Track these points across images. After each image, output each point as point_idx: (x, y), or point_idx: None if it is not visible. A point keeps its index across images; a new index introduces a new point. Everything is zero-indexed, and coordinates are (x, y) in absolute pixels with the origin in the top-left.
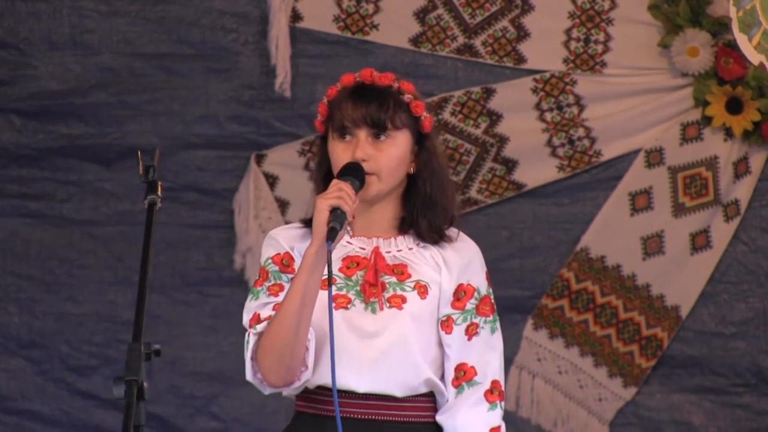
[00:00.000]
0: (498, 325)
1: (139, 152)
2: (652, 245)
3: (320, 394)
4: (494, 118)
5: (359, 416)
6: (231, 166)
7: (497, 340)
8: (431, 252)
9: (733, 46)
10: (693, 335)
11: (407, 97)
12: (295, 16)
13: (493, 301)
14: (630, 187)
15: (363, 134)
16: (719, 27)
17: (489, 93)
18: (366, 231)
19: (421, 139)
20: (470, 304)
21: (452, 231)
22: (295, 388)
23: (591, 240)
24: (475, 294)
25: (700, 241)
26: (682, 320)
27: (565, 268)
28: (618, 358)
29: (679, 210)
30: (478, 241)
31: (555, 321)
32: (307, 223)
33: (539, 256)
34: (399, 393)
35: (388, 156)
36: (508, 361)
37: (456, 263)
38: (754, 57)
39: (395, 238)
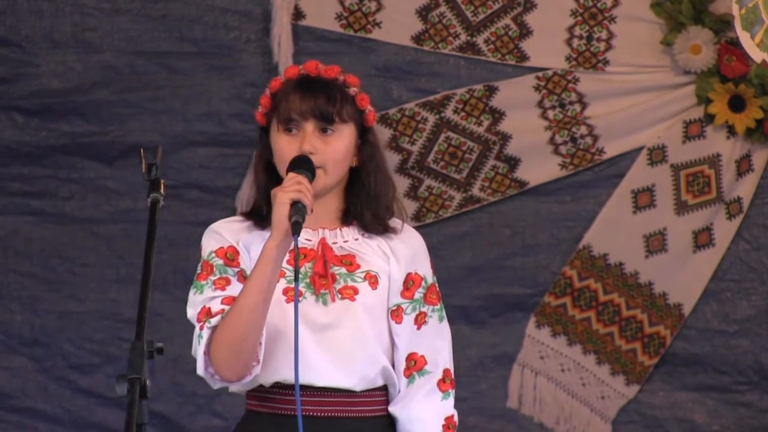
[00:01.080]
0: (444, 313)
1: (141, 150)
2: (655, 243)
3: (275, 392)
4: (497, 115)
5: (318, 413)
6: (233, 164)
7: (445, 328)
8: (377, 242)
9: (735, 44)
10: (696, 333)
11: (353, 90)
12: (298, 14)
13: (438, 289)
14: (632, 185)
15: (310, 127)
16: (722, 24)
17: (491, 91)
18: (311, 223)
19: (364, 133)
20: (418, 293)
21: (396, 222)
22: (245, 384)
23: (593, 238)
24: (423, 283)
25: (702, 238)
26: (685, 318)
27: (568, 266)
28: (620, 356)
29: (681, 208)
30: (480, 239)
31: (557, 319)
32: (249, 216)
33: (541, 253)
34: (358, 387)
35: (335, 149)
36: (511, 358)
37: (403, 252)
38: (757, 54)
39: (341, 229)
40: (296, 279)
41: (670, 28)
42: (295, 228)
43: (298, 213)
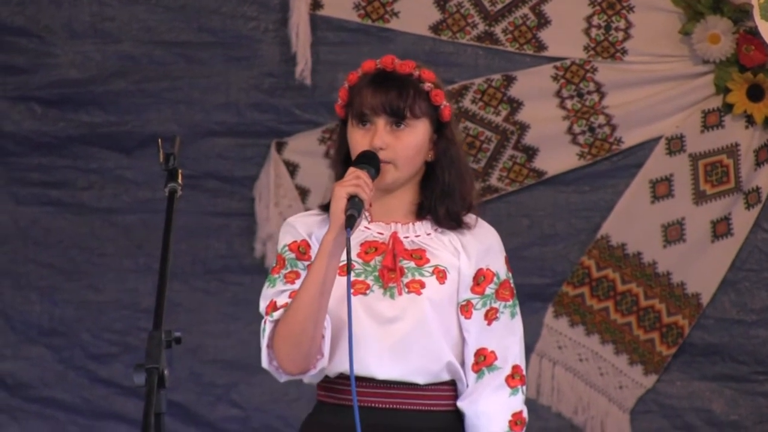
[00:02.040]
0: (518, 309)
1: (159, 140)
2: (673, 233)
3: (340, 383)
4: (515, 105)
5: (380, 405)
6: (251, 154)
7: (517, 324)
8: (449, 237)
9: (754, 33)
10: (714, 323)
11: (427, 86)
12: (316, 4)
13: (512, 285)
14: (651, 175)
15: (381, 122)
16: (740, 14)
17: (509, 80)
18: (384, 216)
19: (440, 128)
20: (490, 289)
21: (470, 217)
22: (312, 376)
23: (611, 227)
24: (495, 279)
25: (720, 228)
26: (703, 308)
27: (586, 256)
28: (638, 345)
29: (699, 197)
30: (499, 229)
31: (575, 309)
32: (325, 209)
33: (560, 243)
34: (421, 380)
35: (406, 145)
36: (529, 348)
37: (475, 248)
38: None
39: (413, 224)
40: (348, 271)
41: (689, 17)
42: (349, 222)
43: (353, 207)
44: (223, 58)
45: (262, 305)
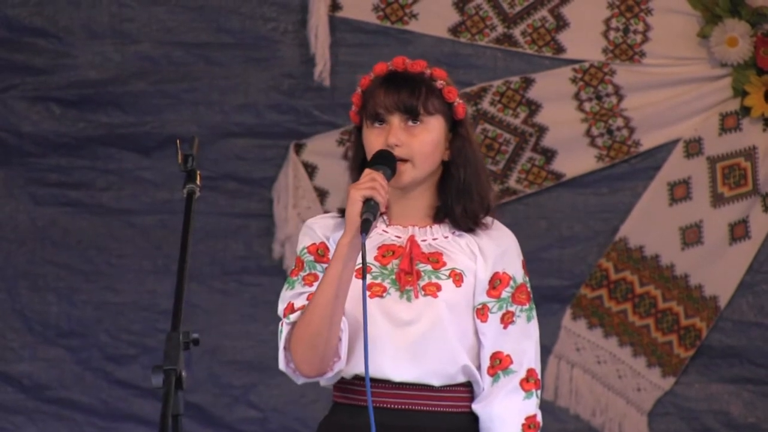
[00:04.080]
0: (534, 313)
1: (178, 141)
2: (691, 235)
3: (355, 384)
4: (533, 107)
5: (395, 406)
6: (270, 155)
7: (533, 328)
8: (467, 240)
9: None
10: (732, 325)
11: (439, 83)
12: (335, 6)
13: (529, 289)
14: (669, 177)
15: (396, 120)
16: (758, 17)
17: (528, 83)
18: (402, 219)
19: (455, 126)
20: (506, 293)
21: (488, 219)
22: (329, 379)
23: (630, 230)
24: (511, 282)
25: (738, 231)
26: (721, 310)
27: (604, 258)
28: (657, 348)
29: (717, 200)
30: (517, 231)
31: (594, 311)
32: (344, 212)
33: (578, 245)
34: (436, 382)
35: (422, 141)
36: (547, 350)
37: (491, 251)
38: None
39: (431, 227)
40: (363, 276)
41: (707, 20)
42: (364, 226)
43: (369, 210)
44: (242, 59)
45: (280, 307)
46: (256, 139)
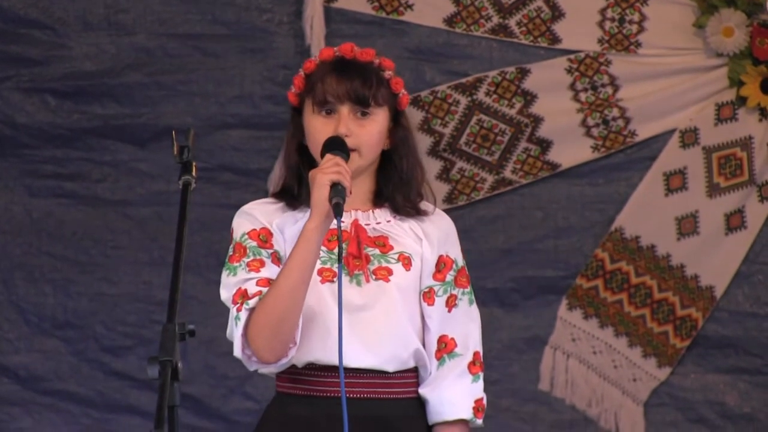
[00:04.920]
0: (473, 297)
1: (173, 132)
2: (687, 225)
3: (308, 373)
4: (529, 98)
5: (351, 395)
6: (265, 146)
7: (475, 311)
8: (410, 224)
9: (767, 26)
10: (727, 315)
11: (388, 74)
12: None
13: (467, 272)
14: (664, 168)
15: (345, 110)
16: (754, 7)
17: (523, 73)
18: (344, 205)
19: (396, 116)
20: (449, 276)
21: (427, 205)
22: (280, 366)
23: (625, 220)
24: (453, 265)
25: (734, 221)
26: (717, 300)
27: (600, 249)
28: (652, 338)
29: (713, 190)
30: (513, 222)
31: (589, 301)
32: (281, 197)
33: (573, 236)
34: (390, 368)
35: (370, 132)
36: (542, 341)
37: (435, 235)
38: None
39: (373, 211)
40: (339, 261)
41: (703, 10)
42: (337, 210)
43: (338, 195)
44: (237, 51)
45: (226, 294)
46: (252, 131)
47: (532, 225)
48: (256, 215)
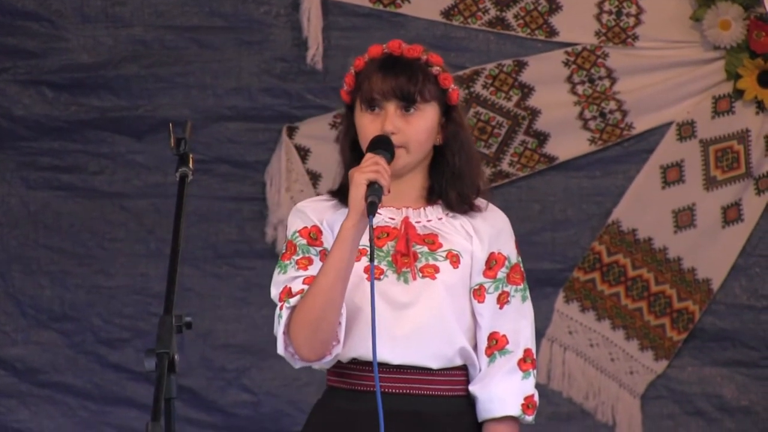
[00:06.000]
0: (528, 293)
1: (170, 124)
2: (684, 218)
3: (352, 368)
4: (526, 90)
5: (393, 390)
6: (263, 139)
7: (528, 308)
8: (461, 221)
9: (764, 20)
10: (724, 308)
11: (435, 69)
12: None
13: (522, 269)
14: (661, 160)
15: (392, 107)
16: (751, 0)
17: (521, 66)
18: (395, 201)
19: (448, 111)
20: (501, 273)
21: (481, 201)
22: (326, 363)
23: (622, 213)
24: (506, 262)
25: (731, 214)
26: (714, 293)
27: (597, 241)
28: (649, 331)
29: (710, 183)
30: (510, 214)
31: (586, 294)
32: (335, 195)
33: (571, 229)
34: (434, 365)
35: (417, 129)
36: (539, 334)
37: (487, 232)
38: None
39: (424, 208)
40: (371, 259)
41: (700, 3)
42: (371, 209)
43: (374, 193)
44: (234, 43)
45: (275, 292)
46: (249, 123)
47: (529, 218)
48: (308, 213)
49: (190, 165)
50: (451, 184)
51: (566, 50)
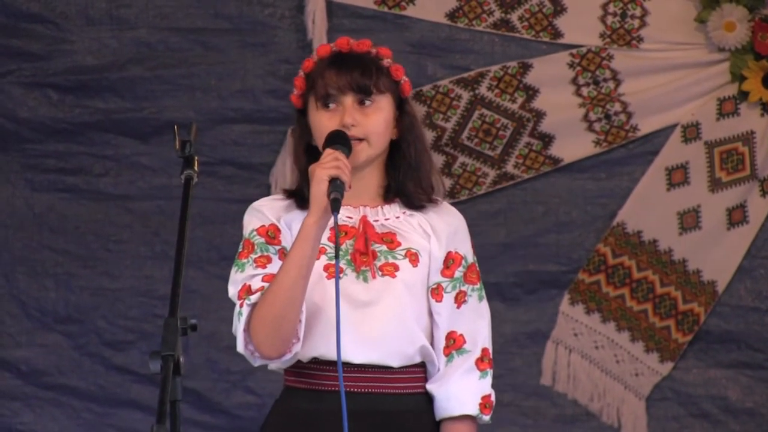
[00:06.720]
0: (484, 293)
1: (175, 127)
2: (689, 220)
3: (313, 368)
4: (531, 92)
5: (355, 389)
6: (267, 141)
7: (485, 308)
8: (418, 220)
9: None
10: (729, 310)
11: (386, 62)
12: None
13: (478, 269)
14: (666, 162)
15: (348, 100)
16: (756, 2)
17: (525, 68)
18: (352, 200)
19: (401, 104)
20: (458, 272)
21: (437, 198)
22: (285, 361)
23: (627, 215)
24: (463, 262)
25: (736, 216)
26: (719, 295)
27: (602, 243)
28: (654, 333)
29: (715, 185)
30: (514, 216)
31: (591, 296)
32: (292, 195)
33: (576, 231)
34: (395, 363)
35: (375, 121)
36: (544, 336)
37: (444, 231)
38: None
39: (382, 207)
40: (337, 256)
41: (704, 5)
42: (334, 205)
43: (336, 190)
44: (239, 45)
45: (233, 290)
46: (254, 125)
47: (533, 219)
48: (264, 211)
49: (195, 167)
50: (408, 176)
51: (571, 52)
